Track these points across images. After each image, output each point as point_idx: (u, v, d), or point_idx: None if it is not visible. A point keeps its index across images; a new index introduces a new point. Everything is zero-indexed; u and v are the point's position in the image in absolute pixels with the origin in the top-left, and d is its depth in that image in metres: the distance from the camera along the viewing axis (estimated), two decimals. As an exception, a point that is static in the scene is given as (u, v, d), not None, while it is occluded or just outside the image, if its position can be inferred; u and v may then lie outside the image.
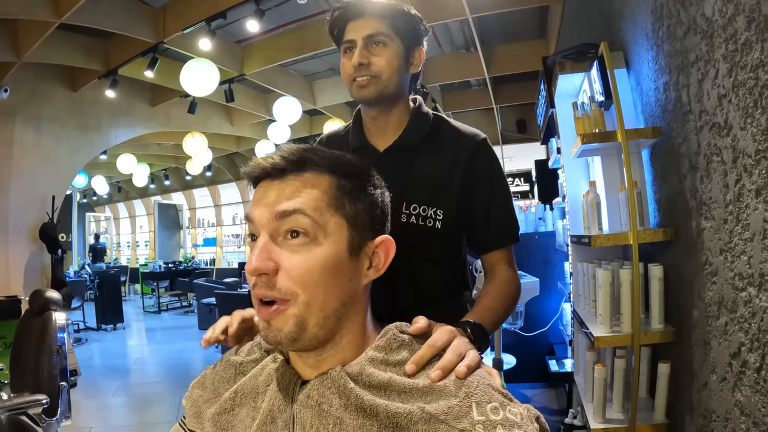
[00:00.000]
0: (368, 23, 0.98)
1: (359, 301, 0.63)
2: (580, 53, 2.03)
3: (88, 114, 5.42)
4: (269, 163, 0.61)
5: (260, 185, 0.63)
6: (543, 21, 4.88)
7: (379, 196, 0.66)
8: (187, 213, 12.72)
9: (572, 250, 2.29)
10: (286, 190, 0.59)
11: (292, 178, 0.61)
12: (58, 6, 3.55)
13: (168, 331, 7.41)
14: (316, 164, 0.61)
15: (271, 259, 0.57)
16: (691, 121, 1.33)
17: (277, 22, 4.71)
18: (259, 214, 0.59)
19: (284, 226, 0.58)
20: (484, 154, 1.04)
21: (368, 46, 0.98)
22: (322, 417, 0.57)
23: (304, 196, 0.59)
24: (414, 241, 0.94)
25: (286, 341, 0.58)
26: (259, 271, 0.57)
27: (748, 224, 1.04)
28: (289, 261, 0.57)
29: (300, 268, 0.57)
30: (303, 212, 0.58)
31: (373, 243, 0.63)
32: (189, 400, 0.73)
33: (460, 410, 0.53)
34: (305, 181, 0.60)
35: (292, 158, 0.61)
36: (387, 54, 0.99)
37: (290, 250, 0.58)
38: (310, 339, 0.59)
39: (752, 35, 0.97)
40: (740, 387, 1.11)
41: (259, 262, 0.57)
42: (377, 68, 0.98)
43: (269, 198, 0.60)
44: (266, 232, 0.59)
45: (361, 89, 1.01)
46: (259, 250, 0.58)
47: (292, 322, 0.57)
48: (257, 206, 0.60)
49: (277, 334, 0.58)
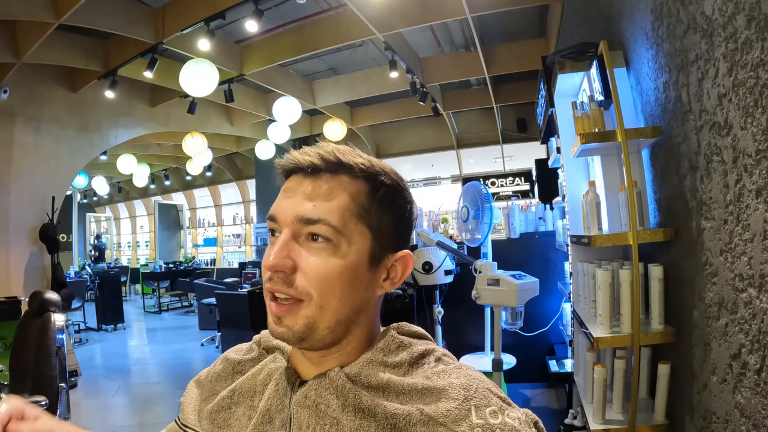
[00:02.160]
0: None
1: (370, 310, 0.63)
2: (579, 52, 2.02)
3: (87, 115, 5.42)
4: (306, 160, 0.60)
5: (291, 179, 0.62)
6: (543, 20, 4.87)
7: (408, 210, 0.65)
8: (188, 213, 12.73)
9: (572, 250, 2.29)
10: (317, 191, 0.59)
11: (326, 178, 0.60)
12: (57, 7, 3.55)
13: (168, 332, 7.42)
14: (352, 168, 0.60)
15: (290, 258, 0.57)
16: (691, 121, 1.32)
17: (277, 22, 4.71)
18: (283, 213, 0.59)
19: (306, 230, 0.58)
20: None
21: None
22: (320, 417, 0.57)
23: (332, 203, 0.58)
24: None
25: (293, 339, 0.58)
26: (276, 268, 0.57)
27: (749, 225, 1.04)
28: (307, 262, 0.57)
29: (318, 270, 0.57)
30: (327, 223, 0.57)
31: (394, 257, 0.63)
32: (186, 397, 0.72)
33: (459, 413, 0.53)
34: (337, 184, 0.59)
35: (329, 158, 0.60)
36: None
37: (310, 251, 0.58)
38: (318, 340, 0.59)
39: (752, 34, 0.96)
40: (740, 389, 1.11)
41: (278, 259, 0.57)
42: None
43: (297, 197, 0.59)
44: (289, 230, 0.58)
45: None
46: (279, 246, 0.57)
47: (302, 322, 0.57)
48: (283, 203, 0.60)
49: (286, 331, 0.58)
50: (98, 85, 4.91)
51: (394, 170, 0.65)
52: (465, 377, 0.58)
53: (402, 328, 0.67)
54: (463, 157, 8.23)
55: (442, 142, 8.13)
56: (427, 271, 3.24)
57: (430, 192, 8.86)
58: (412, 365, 0.61)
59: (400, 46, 4.90)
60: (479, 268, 2.79)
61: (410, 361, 0.61)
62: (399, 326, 0.67)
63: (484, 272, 2.76)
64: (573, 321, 2.47)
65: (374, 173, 0.61)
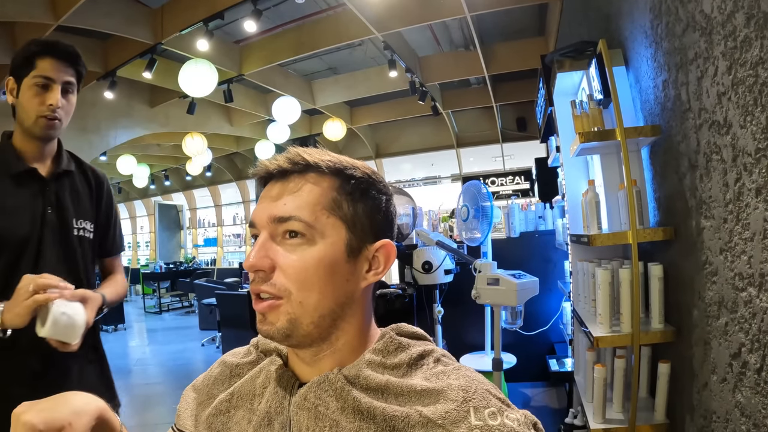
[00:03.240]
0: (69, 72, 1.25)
1: (357, 304, 0.63)
2: (578, 51, 2.02)
3: (87, 115, 5.41)
4: (273, 165, 0.63)
5: (266, 187, 0.65)
6: (542, 19, 4.87)
7: (383, 202, 0.66)
8: (188, 213, 12.73)
9: (572, 249, 2.28)
10: (285, 190, 0.61)
11: (294, 178, 0.62)
12: (56, 8, 3.55)
13: (169, 332, 7.42)
14: (319, 165, 0.62)
15: (268, 257, 0.59)
16: (691, 119, 1.32)
17: (275, 22, 4.71)
18: (259, 217, 0.62)
19: (281, 228, 0.60)
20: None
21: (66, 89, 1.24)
22: (319, 420, 0.57)
23: (301, 199, 0.60)
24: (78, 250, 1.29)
25: (278, 336, 0.59)
26: (255, 267, 0.59)
27: (748, 223, 1.03)
28: (285, 259, 0.59)
29: (295, 266, 0.58)
30: (298, 219, 0.59)
31: (373, 246, 0.64)
32: (183, 403, 0.72)
33: (457, 415, 0.53)
34: (306, 182, 0.61)
35: (296, 159, 0.62)
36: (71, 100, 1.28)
37: (287, 249, 0.60)
38: (303, 336, 0.60)
39: (751, 32, 0.96)
40: (740, 388, 1.10)
41: (256, 259, 0.59)
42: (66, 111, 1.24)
43: (270, 200, 0.62)
44: (266, 231, 0.61)
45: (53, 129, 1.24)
46: (257, 247, 0.60)
47: (285, 318, 0.59)
48: (258, 208, 0.62)
49: (270, 328, 0.59)
50: (97, 85, 4.91)
51: (366, 165, 0.66)
52: (464, 378, 0.58)
53: (401, 329, 0.67)
54: (462, 156, 8.23)
55: (441, 142, 8.13)
56: (426, 270, 3.24)
57: (430, 191, 8.85)
58: (411, 366, 0.61)
59: (400, 46, 4.89)
60: (479, 268, 2.78)
61: (409, 362, 0.61)
62: (398, 327, 0.67)
63: (484, 271, 2.75)
64: (573, 320, 2.47)
65: (342, 168, 0.63)
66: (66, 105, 1.23)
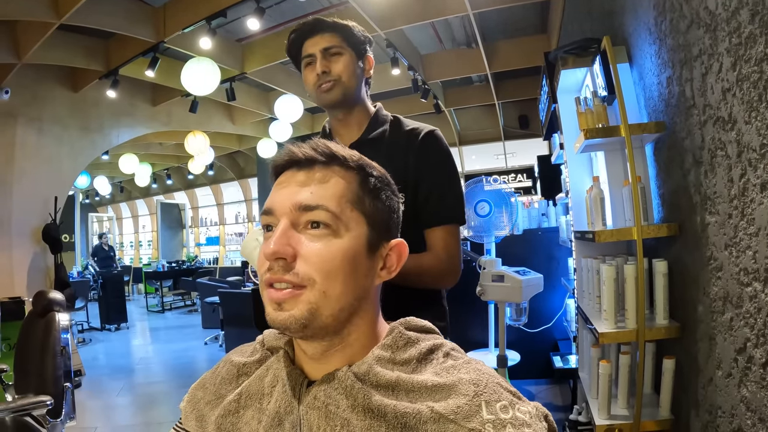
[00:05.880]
0: (323, 38, 1.18)
1: (370, 300, 0.63)
2: (582, 48, 2.02)
3: (89, 114, 5.42)
4: (301, 151, 0.62)
5: (284, 174, 0.63)
6: (544, 16, 4.86)
7: (396, 203, 0.67)
8: (190, 212, 12.75)
9: (576, 246, 2.29)
10: (312, 179, 0.60)
11: (319, 168, 0.61)
12: (58, 7, 3.55)
13: (172, 331, 7.43)
14: (345, 159, 0.62)
15: (290, 245, 0.57)
16: (695, 116, 1.32)
17: (278, 20, 4.70)
18: (280, 203, 0.59)
19: (305, 218, 0.58)
20: (432, 142, 1.19)
21: (326, 56, 1.17)
22: (330, 418, 0.56)
23: (329, 190, 0.59)
24: None
25: (295, 326, 0.57)
26: (277, 255, 0.56)
27: (753, 219, 1.04)
28: (308, 248, 0.57)
29: (321, 256, 0.57)
30: (326, 208, 0.58)
31: (389, 245, 0.64)
32: (189, 403, 0.71)
33: (469, 409, 0.53)
34: (331, 172, 0.61)
35: (323, 150, 0.62)
36: (343, 61, 1.18)
37: (310, 238, 0.58)
38: (320, 328, 0.58)
39: (756, 28, 0.96)
40: (746, 383, 1.11)
41: (278, 246, 0.56)
42: (337, 73, 1.17)
43: (295, 185, 0.60)
44: (287, 218, 0.59)
45: (326, 93, 1.18)
46: (279, 234, 0.57)
47: (305, 308, 0.56)
48: (279, 194, 0.61)
49: (287, 317, 0.56)
50: (100, 84, 4.91)
51: (380, 167, 0.67)
52: (474, 372, 0.57)
53: (409, 323, 0.67)
54: (465, 154, 8.23)
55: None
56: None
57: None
58: (421, 362, 0.61)
59: (402, 44, 4.89)
60: (483, 265, 2.78)
61: (419, 357, 0.61)
62: (406, 321, 0.67)
63: (489, 268, 2.76)
64: (577, 317, 2.47)
65: (364, 165, 0.64)
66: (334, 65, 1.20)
